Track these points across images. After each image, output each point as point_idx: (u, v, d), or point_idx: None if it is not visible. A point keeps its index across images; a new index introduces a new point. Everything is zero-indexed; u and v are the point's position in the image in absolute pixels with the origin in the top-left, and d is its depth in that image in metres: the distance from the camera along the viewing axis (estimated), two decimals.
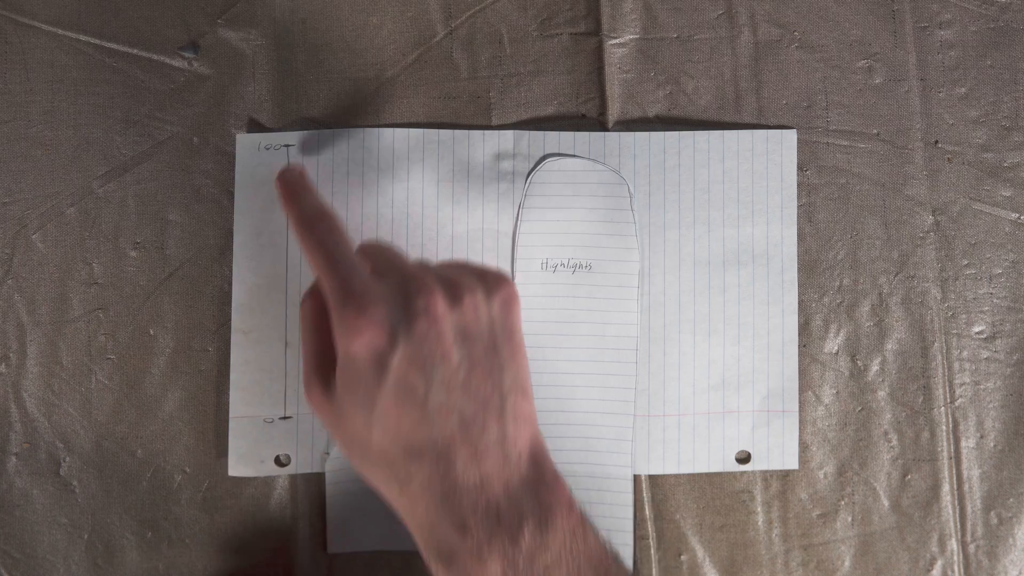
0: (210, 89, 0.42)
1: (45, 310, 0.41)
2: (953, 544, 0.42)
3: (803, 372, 0.42)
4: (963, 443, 0.42)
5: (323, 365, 0.33)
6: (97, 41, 0.42)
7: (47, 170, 0.42)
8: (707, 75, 0.43)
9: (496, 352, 0.33)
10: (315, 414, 0.35)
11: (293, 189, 0.36)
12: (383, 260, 0.34)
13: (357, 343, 0.30)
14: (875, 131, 0.43)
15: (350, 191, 0.42)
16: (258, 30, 0.43)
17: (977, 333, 0.43)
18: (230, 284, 0.42)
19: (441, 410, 0.31)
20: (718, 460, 0.42)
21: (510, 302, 0.34)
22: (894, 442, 0.42)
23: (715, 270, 0.42)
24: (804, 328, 0.42)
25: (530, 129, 0.42)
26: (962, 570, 0.42)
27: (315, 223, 0.33)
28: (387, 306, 0.31)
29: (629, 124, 0.43)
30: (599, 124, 0.43)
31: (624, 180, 0.42)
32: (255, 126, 0.42)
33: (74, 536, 0.41)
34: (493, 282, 0.34)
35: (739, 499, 0.42)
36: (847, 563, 0.42)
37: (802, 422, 0.42)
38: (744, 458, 0.42)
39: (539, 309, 0.42)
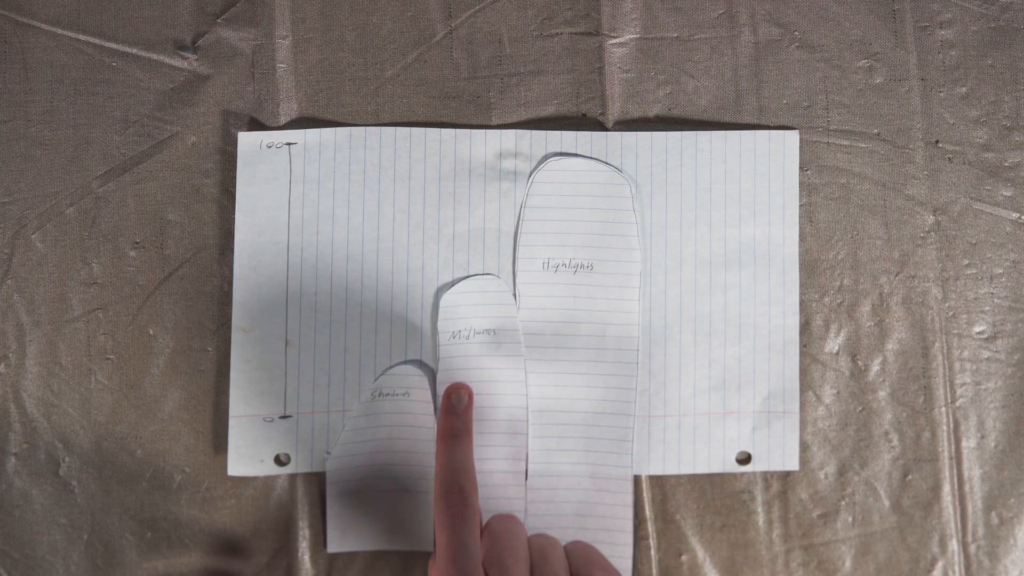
0: (210, 89, 0.42)
1: (44, 310, 0.41)
2: (954, 544, 0.42)
3: (804, 372, 0.42)
4: (964, 443, 0.42)
5: None
6: (97, 41, 0.42)
7: (46, 170, 0.42)
8: (707, 75, 0.43)
9: None
10: None
11: (452, 431, 0.39)
12: (503, 548, 0.34)
13: None
14: (876, 131, 0.43)
15: (350, 191, 0.42)
16: (258, 30, 0.43)
17: (978, 333, 0.43)
18: (230, 284, 0.42)
19: None
20: (719, 461, 0.42)
21: None
22: (895, 442, 0.42)
23: (716, 270, 0.42)
24: (805, 328, 0.42)
25: (531, 129, 0.42)
26: (963, 570, 0.42)
27: (455, 496, 0.35)
28: None
29: (629, 124, 0.43)
30: (599, 124, 0.43)
31: (626, 180, 0.42)
32: (255, 125, 0.42)
33: (73, 536, 0.41)
34: None
35: (739, 499, 0.42)
36: (848, 563, 0.42)
37: (803, 422, 0.42)
38: (744, 459, 0.42)
39: (540, 309, 0.42)
